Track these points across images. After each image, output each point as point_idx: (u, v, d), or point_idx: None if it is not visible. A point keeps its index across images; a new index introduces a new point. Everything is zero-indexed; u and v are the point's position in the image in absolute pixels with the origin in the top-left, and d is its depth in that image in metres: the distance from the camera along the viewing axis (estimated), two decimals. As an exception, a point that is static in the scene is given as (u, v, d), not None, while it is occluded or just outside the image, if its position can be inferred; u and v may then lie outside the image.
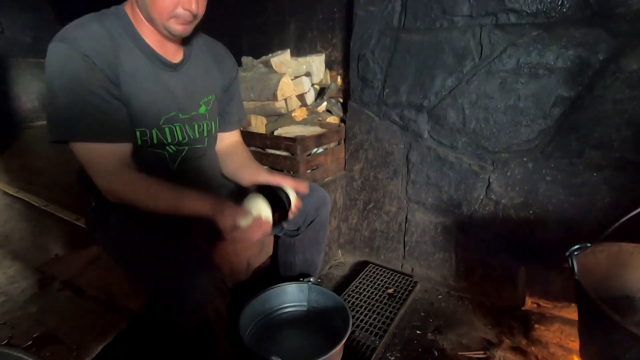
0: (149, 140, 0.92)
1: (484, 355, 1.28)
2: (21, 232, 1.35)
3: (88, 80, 0.79)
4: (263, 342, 1.10)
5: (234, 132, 1.18)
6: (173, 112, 0.94)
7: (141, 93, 0.87)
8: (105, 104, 0.81)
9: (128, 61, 0.85)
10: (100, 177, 0.83)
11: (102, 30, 0.83)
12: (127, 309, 0.88)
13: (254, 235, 0.84)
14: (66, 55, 0.78)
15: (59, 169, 2.07)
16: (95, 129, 0.81)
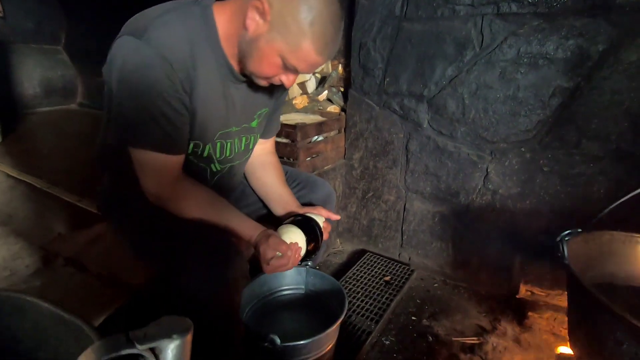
0: (199, 152, 0.89)
1: (478, 341, 1.31)
2: (25, 212, 1.37)
3: (166, 90, 0.74)
4: (261, 323, 1.13)
5: (270, 139, 1.14)
6: (230, 128, 0.91)
7: (208, 107, 0.83)
8: (177, 115, 0.77)
9: (203, 72, 0.79)
10: (151, 184, 0.81)
11: (185, 34, 0.75)
12: (128, 285, 0.91)
13: (288, 266, 0.88)
14: (147, 58, 0.71)
15: (61, 154, 2.09)
16: (161, 139, 0.77)
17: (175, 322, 0.34)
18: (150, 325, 0.34)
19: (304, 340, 0.92)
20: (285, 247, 0.86)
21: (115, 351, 0.30)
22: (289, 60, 0.74)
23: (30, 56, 3.15)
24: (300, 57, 0.74)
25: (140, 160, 0.80)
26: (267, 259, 0.85)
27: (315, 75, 1.87)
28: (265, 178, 1.09)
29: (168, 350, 0.32)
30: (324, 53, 0.75)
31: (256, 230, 0.87)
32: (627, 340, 0.76)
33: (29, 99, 3.15)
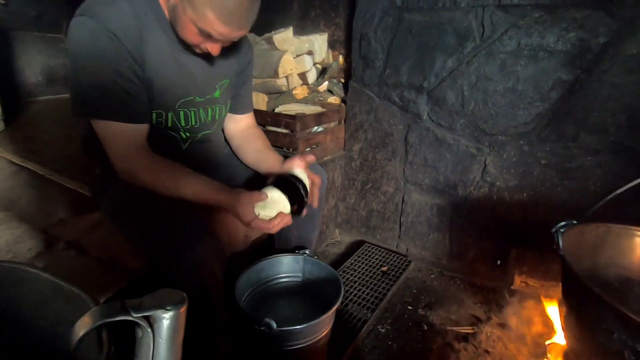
0: (163, 122, 0.93)
1: (472, 330, 1.33)
2: (27, 197, 1.39)
3: (115, 60, 0.79)
4: (258, 309, 1.15)
5: (249, 114, 1.18)
6: (191, 97, 0.95)
7: (162, 75, 0.87)
8: (130, 84, 0.82)
9: (152, 43, 0.84)
10: (118, 156, 0.84)
11: (130, 9, 0.81)
12: (127, 269, 0.93)
13: (275, 228, 0.89)
14: (94, 32, 0.77)
15: (62, 142, 2.11)
16: (119, 108, 0.81)
17: (170, 295, 0.36)
18: (146, 296, 0.35)
19: (299, 325, 0.94)
20: (263, 196, 0.87)
21: (110, 317, 0.32)
22: (200, 28, 0.78)
23: (32, 44, 3.15)
24: (208, 26, 0.76)
25: (104, 133, 0.83)
26: (247, 220, 0.86)
27: (316, 66, 1.87)
28: (251, 145, 1.14)
29: (162, 320, 0.34)
30: (231, 23, 0.77)
31: (224, 192, 0.87)
32: (617, 329, 0.77)
33: (31, 87, 3.15)
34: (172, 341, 0.35)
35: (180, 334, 0.36)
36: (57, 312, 0.44)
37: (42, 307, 0.45)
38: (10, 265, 0.46)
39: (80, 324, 0.31)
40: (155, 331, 0.34)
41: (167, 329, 0.34)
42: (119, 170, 0.86)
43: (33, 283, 0.45)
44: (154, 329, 0.34)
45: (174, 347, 0.35)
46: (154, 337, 0.34)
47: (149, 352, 0.34)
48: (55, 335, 0.44)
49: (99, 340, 0.37)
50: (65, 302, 0.42)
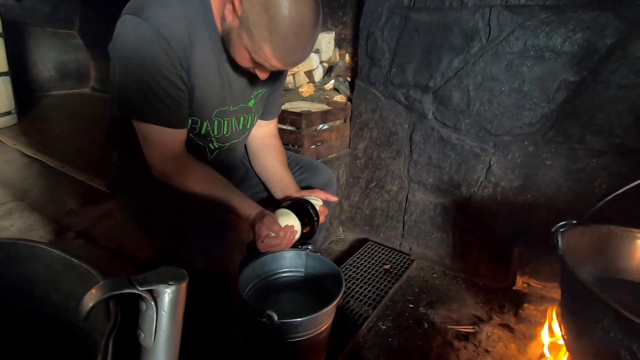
0: (197, 129, 0.94)
1: (473, 330, 1.33)
2: (39, 188, 1.42)
3: (165, 66, 0.78)
4: (260, 302, 1.17)
5: (272, 121, 1.16)
6: (226, 106, 0.95)
7: (205, 84, 0.87)
8: (176, 90, 0.82)
9: (200, 51, 0.83)
10: (156, 159, 0.86)
11: (182, 13, 0.79)
12: (135, 258, 0.95)
13: (281, 247, 0.92)
14: (146, 36, 0.76)
15: (73, 136, 2.16)
16: (162, 113, 0.82)
17: (172, 272, 0.38)
18: (149, 272, 0.38)
19: (300, 318, 0.96)
20: (277, 227, 0.90)
21: (117, 290, 0.34)
22: (254, 57, 0.78)
23: (45, 40, 3.22)
24: (262, 58, 0.77)
25: (144, 133, 0.84)
26: (261, 236, 0.89)
27: (322, 65, 1.88)
28: (266, 161, 1.12)
29: (164, 294, 0.36)
30: (285, 61, 0.77)
31: (254, 209, 0.91)
32: (613, 329, 0.77)
33: (44, 81, 3.22)
34: (173, 314, 0.37)
35: (181, 308, 0.38)
36: (69, 287, 0.47)
37: (54, 283, 0.48)
38: (24, 243, 0.49)
39: (89, 296, 0.33)
40: (158, 304, 0.36)
41: (169, 303, 0.36)
42: (154, 170, 0.87)
43: (46, 260, 0.47)
44: (157, 302, 0.36)
45: (175, 320, 0.37)
46: (157, 309, 0.36)
47: (152, 324, 0.37)
48: (67, 308, 0.47)
49: (107, 311, 0.39)
50: (76, 277, 0.45)
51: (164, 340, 0.38)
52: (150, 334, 0.37)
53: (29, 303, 0.49)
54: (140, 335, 0.38)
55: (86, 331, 0.44)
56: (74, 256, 0.45)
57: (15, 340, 0.50)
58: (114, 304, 0.39)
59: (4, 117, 2.22)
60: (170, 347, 0.39)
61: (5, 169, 1.59)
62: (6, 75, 2.24)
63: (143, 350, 0.39)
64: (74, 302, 0.44)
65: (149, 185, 0.91)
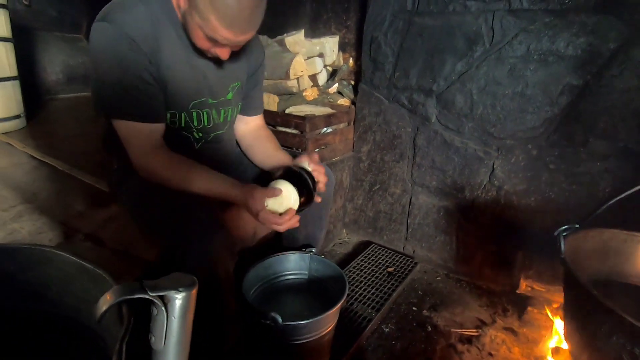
0: (177, 122, 0.97)
1: (476, 333, 1.33)
2: (47, 191, 1.45)
3: (134, 64, 0.83)
4: (265, 304, 1.18)
5: (259, 116, 1.21)
6: (203, 98, 0.99)
7: (177, 77, 0.91)
8: (147, 86, 0.86)
9: (167, 47, 0.88)
10: (136, 153, 0.89)
11: (147, 13, 0.85)
12: (141, 259, 0.97)
13: (283, 226, 0.91)
14: (113, 37, 0.81)
15: (80, 139, 2.18)
16: (137, 109, 0.86)
17: (183, 278, 0.40)
18: (161, 278, 0.39)
19: (304, 320, 0.97)
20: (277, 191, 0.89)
21: (130, 294, 0.36)
22: (206, 33, 0.80)
23: (53, 44, 3.26)
24: (213, 31, 0.79)
25: (122, 131, 0.88)
26: (257, 210, 0.88)
27: (326, 68, 1.90)
28: (261, 147, 1.17)
29: (175, 300, 0.37)
30: (233, 27, 0.78)
31: (239, 187, 0.91)
32: (615, 333, 0.78)
33: (52, 85, 3.26)
34: (183, 319, 0.38)
35: (191, 313, 0.40)
36: (81, 290, 0.49)
37: (67, 286, 0.50)
38: (39, 248, 0.50)
39: (103, 300, 0.35)
40: (168, 310, 0.38)
41: (179, 308, 0.38)
42: (136, 166, 0.90)
43: (60, 264, 0.49)
44: (167, 307, 0.38)
45: (185, 325, 0.39)
46: (168, 315, 0.38)
47: (162, 328, 0.38)
48: (79, 310, 0.48)
49: (119, 315, 0.40)
50: (88, 280, 0.47)
51: (174, 344, 0.39)
52: (161, 338, 0.38)
53: (43, 305, 0.51)
54: (152, 338, 0.40)
55: (98, 333, 0.46)
56: (86, 260, 0.47)
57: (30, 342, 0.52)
58: (126, 308, 0.40)
59: (13, 120, 2.25)
60: (180, 351, 0.40)
61: (15, 171, 1.62)
62: (15, 80, 2.27)
63: (154, 353, 0.41)
64: (87, 304, 0.45)
65: (145, 189, 0.94)
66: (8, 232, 1.11)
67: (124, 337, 0.36)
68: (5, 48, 2.17)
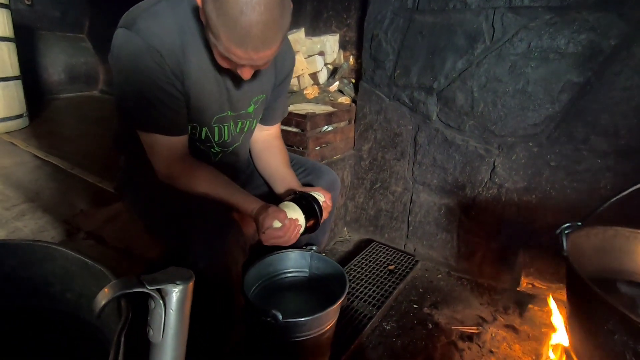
0: (197, 135, 0.96)
1: (477, 330, 1.34)
2: (50, 190, 1.46)
3: (158, 77, 0.80)
4: (265, 302, 1.18)
5: (275, 125, 1.18)
6: (225, 112, 0.96)
7: (201, 92, 0.89)
8: (172, 99, 0.84)
9: (194, 59, 0.84)
10: (161, 165, 0.89)
11: (174, 23, 0.80)
12: (143, 258, 0.97)
13: (285, 239, 0.91)
14: (138, 49, 0.78)
15: (82, 138, 2.20)
16: (160, 122, 0.84)
17: (180, 272, 0.40)
18: (158, 272, 0.39)
19: (304, 317, 0.97)
20: (283, 215, 0.89)
21: (128, 288, 0.36)
22: (220, 52, 0.75)
23: (55, 43, 3.28)
24: (226, 50, 0.74)
25: (147, 142, 0.87)
26: (265, 227, 0.88)
27: (327, 67, 1.90)
28: (269, 160, 1.14)
29: (172, 293, 0.38)
30: (245, 45, 0.71)
31: (256, 203, 0.92)
32: (618, 331, 0.78)
33: (54, 84, 3.28)
34: (181, 312, 0.39)
35: (187, 306, 0.40)
36: (82, 286, 0.49)
37: (69, 282, 0.50)
38: (41, 244, 0.51)
39: (101, 294, 0.35)
40: (166, 303, 0.38)
41: (176, 301, 0.38)
42: (160, 175, 0.90)
43: (61, 260, 0.50)
44: (165, 301, 0.38)
45: (183, 318, 0.39)
46: (165, 308, 0.38)
47: (160, 321, 0.38)
48: (80, 306, 0.49)
49: (119, 309, 0.41)
50: (89, 276, 0.47)
51: (172, 337, 0.39)
52: (159, 330, 0.39)
53: (45, 301, 0.51)
54: (150, 331, 0.40)
55: (98, 327, 0.47)
56: (87, 257, 0.48)
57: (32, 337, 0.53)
58: (125, 302, 0.41)
59: (16, 120, 2.27)
60: (178, 343, 0.41)
61: (18, 171, 1.63)
62: (18, 79, 2.29)
63: (152, 346, 0.41)
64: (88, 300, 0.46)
65: (154, 188, 0.93)
66: (11, 231, 1.12)
67: (122, 329, 0.36)
68: (7, 48, 2.19)
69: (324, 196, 1.02)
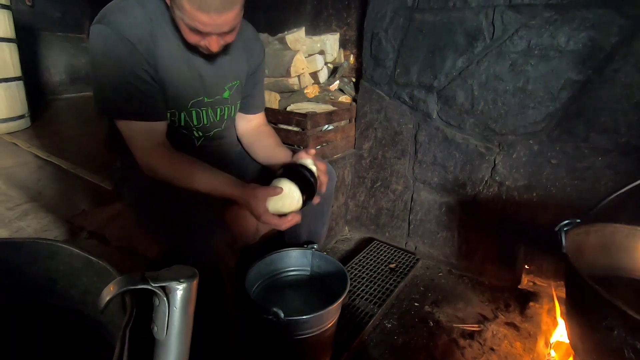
0: (176, 121, 0.99)
1: (478, 328, 1.34)
2: (52, 190, 1.47)
3: (131, 64, 0.85)
4: (267, 300, 1.19)
5: (260, 114, 1.21)
6: (201, 97, 1.00)
7: (175, 77, 0.92)
8: (146, 85, 0.88)
9: (165, 46, 0.89)
10: (140, 153, 0.91)
11: (142, 14, 0.86)
12: (144, 256, 0.98)
13: (284, 225, 0.91)
14: (110, 40, 0.83)
15: (84, 138, 2.20)
16: (137, 108, 0.88)
17: (184, 270, 0.41)
18: (162, 270, 0.40)
19: (306, 315, 0.98)
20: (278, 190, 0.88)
21: (132, 285, 0.37)
22: (187, 24, 0.80)
23: (56, 44, 3.29)
24: (190, 18, 0.78)
25: (125, 131, 0.90)
26: (260, 212, 0.88)
27: (327, 66, 1.90)
28: (262, 143, 1.17)
29: (176, 291, 0.38)
30: (206, 8, 0.77)
31: (241, 187, 0.90)
32: (617, 327, 0.78)
33: (55, 85, 3.29)
34: (185, 310, 0.39)
35: (192, 304, 0.41)
36: (87, 283, 0.50)
37: (73, 279, 0.51)
38: (45, 242, 0.52)
39: (106, 290, 0.36)
40: (170, 300, 0.39)
41: (180, 299, 0.39)
42: (140, 164, 0.92)
43: (66, 257, 0.51)
44: (169, 298, 0.39)
45: (187, 315, 0.40)
46: (169, 305, 0.39)
47: (164, 319, 0.39)
48: (85, 303, 0.50)
49: (123, 306, 0.42)
50: (94, 273, 0.48)
51: (176, 334, 0.40)
52: (163, 327, 0.40)
53: (50, 298, 0.52)
54: (154, 328, 0.41)
55: (103, 323, 0.47)
56: (92, 254, 0.49)
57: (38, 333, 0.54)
58: (129, 298, 0.41)
59: (18, 120, 2.28)
60: (182, 340, 0.41)
61: (20, 171, 1.64)
62: (19, 80, 2.30)
63: (156, 342, 0.42)
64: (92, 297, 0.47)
65: (149, 188, 0.94)
66: (14, 230, 1.13)
67: (127, 324, 0.37)
68: (9, 49, 2.20)
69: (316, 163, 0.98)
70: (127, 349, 0.38)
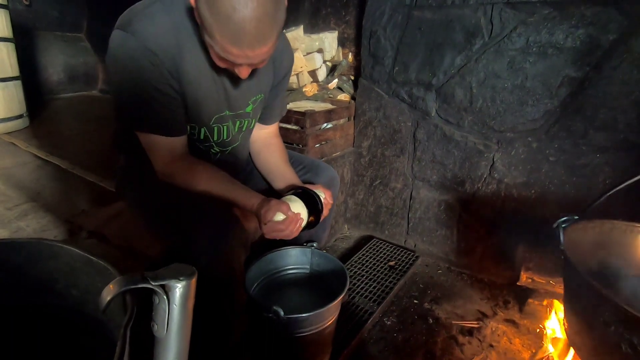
0: (196, 135, 0.96)
1: (477, 325, 1.35)
2: (51, 189, 1.47)
3: (153, 77, 0.80)
4: (267, 298, 1.19)
5: (274, 124, 1.18)
6: (223, 112, 0.96)
7: (198, 91, 0.88)
8: (168, 99, 0.84)
9: (191, 59, 0.84)
10: (159, 164, 0.89)
11: (170, 23, 0.80)
12: (144, 255, 0.98)
13: (286, 233, 0.91)
14: (134, 51, 0.78)
15: (82, 138, 2.20)
16: (157, 122, 0.85)
17: (183, 268, 0.41)
18: (162, 269, 0.41)
19: (306, 313, 0.98)
20: (286, 207, 0.89)
21: (132, 284, 0.37)
22: (217, 52, 0.75)
23: (54, 43, 3.28)
24: (222, 49, 0.73)
25: (145, 142, 0.88)
26: (267, 219, 0.88)
27: (326, 64, 1.90)
28: (269, 158, 1.14)
29: (175, 289, 0.39)
30: (239, 43, 0.71)
31: (258, 198, 0.92)
32: (614, 322, 0.78)
33: (54, 85, 3.28)
34: (184, 307, 0.40)
35: (191, 301, 0.41)
36: (87, 282, 0.51)
37: (74, 279, 0.52)
38: (46, 242, 0.52)
39: (107, 290, 0.36)
40: (169, 298, 0.39)
41: (180, 297, 0.39)
42: (159, 174, 0.91)
43: (66, 258, 0.51)
44: (168, 296, 0.39)
45: (186, 313, 0.40)
46: (169, 303, 0.39)
47: (164, 316, 0.39)
48: (86, 302, 0.50)
49: (124, 305, 0.42)
50: (94, 273, 0.49)
51: (176, 332, 0.41)
52: (163, 325, 0.40)
53: (50, 298, 0.52)
54: (154, 326, 0.42)
55: (104, 323, 0.48)
56: (92, 254, 0.49)
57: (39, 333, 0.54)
58: (130, 298, 0.42)
59: (16, 120, 2.27)
60: (181, 338, 0.42)
61: (19, 171, 1.64)
62: (17, 80, 2.29)
63: (156, 340, 0.42)
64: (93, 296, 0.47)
65: (154, 187, 0.94)
66: (13, 231, 1.13)
67: (127, 323, 0.38)
68: (6, 48, 2.19)
69: (324, 193, 1.02)
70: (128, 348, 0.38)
